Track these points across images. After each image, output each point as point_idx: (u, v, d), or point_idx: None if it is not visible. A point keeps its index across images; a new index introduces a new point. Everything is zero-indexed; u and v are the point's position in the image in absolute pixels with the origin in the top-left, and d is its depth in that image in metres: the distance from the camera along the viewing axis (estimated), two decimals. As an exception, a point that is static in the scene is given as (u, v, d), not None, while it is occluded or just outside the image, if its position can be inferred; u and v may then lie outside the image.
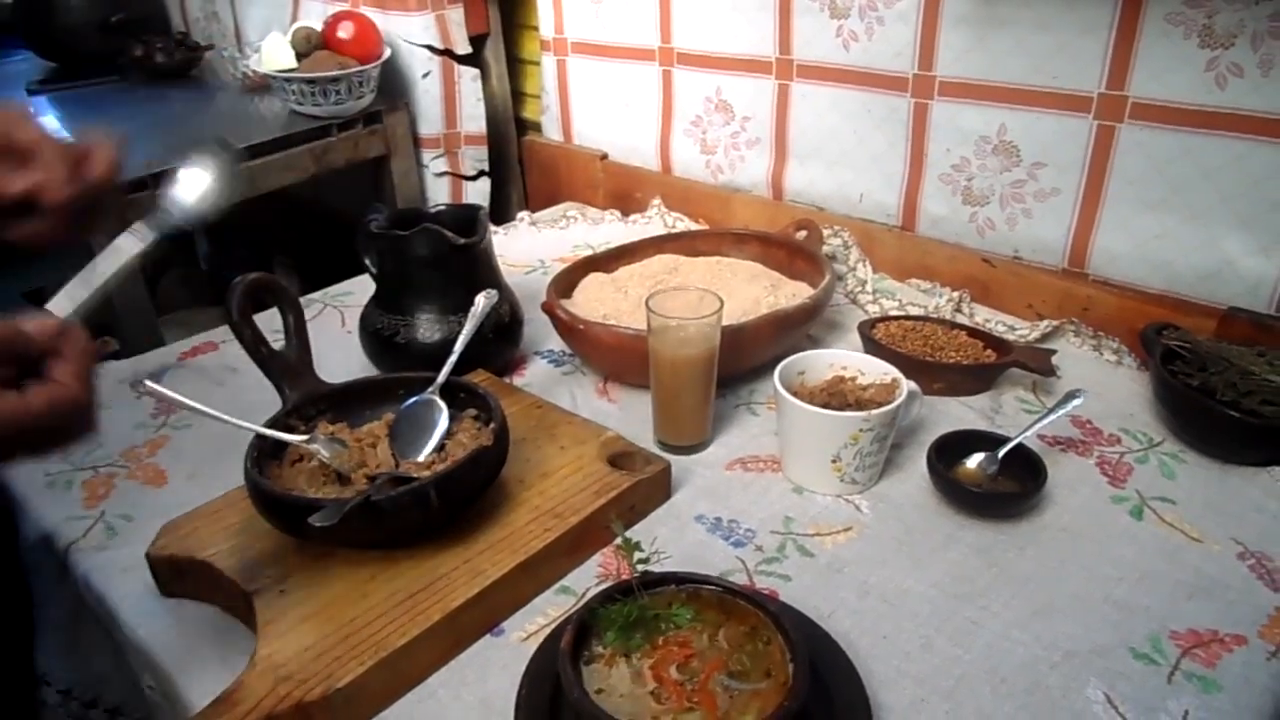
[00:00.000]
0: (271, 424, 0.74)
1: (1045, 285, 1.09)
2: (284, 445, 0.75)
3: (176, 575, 0.73)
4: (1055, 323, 1.06)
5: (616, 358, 0.96)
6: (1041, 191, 1.08)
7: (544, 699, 0.61)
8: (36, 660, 0.82)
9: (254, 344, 0.77)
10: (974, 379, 0.96)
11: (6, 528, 0.84)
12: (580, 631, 0.59)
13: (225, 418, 0.71)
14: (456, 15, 1.52)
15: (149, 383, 0.71)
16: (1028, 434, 0.83)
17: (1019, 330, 1.07)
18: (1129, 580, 0.73)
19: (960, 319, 1.07)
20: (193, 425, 0.95)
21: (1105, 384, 0.98)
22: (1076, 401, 0.84)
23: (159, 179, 1.29)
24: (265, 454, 0.73)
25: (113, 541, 0.80)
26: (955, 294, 1.11)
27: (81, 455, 0.90)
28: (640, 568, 0.62)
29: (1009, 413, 0.94)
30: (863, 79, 1.17)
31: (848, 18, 1.14)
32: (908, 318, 1.05)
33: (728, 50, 1.29)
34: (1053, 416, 0.84)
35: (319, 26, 1.49)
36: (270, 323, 0.79)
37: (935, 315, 1.07)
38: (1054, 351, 0.99)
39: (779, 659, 0.58)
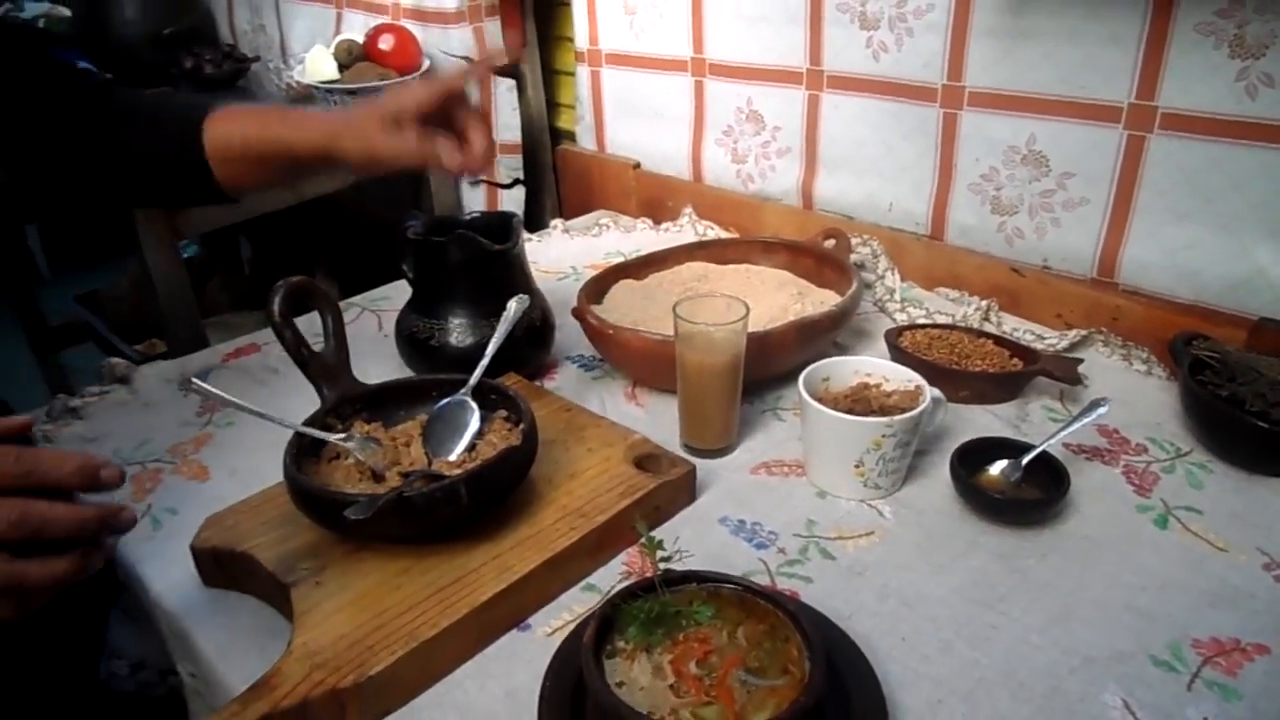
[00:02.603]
0: (310, 422, 0.77)
1: (1074, 295, 1.09)
2: (322, 443, 0.78)
3: (218, 566, 0.76)
4: (1083, 332, 1.06)
5: (644, 362, 0.98)
6: (1070, 201, 1.08)
7: (567, 692, 0.62)
8: (106, 636, 0.86)
9: (295, 345, 0.80)
10: (1000, 387, 0.97)
11: None
12: (603, 626, 0.61)
13: (267, 415, 0.74)
14: (494, 28, 1.55)
15: (197, 381, 0.74)
16: (1052, 442, 0.83)
17: (1047, 339, 1.07)
18: (1151, 588, 0.73)
19: (988, 328, 1.08)
20: (235, 424, 0.98)
21: (1133, 394, 0.98)
22: (1101, 410, 0.85)
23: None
24: (304, 451, 0.76)
25: (158, 533, 0.83)
26: (983, 303, 1.12)
27: (131, 450, 0.94)
28: (663, 566, 0.64)
29: (1035, 421, 0.95)
30: (892, 89, 1.18)
31: (877, 29, 1.16)
32: (934, 326, 1.05)
33: (759, 61, 1.31)
34: (1077, 425, 0.84)
35: (361, 39, 1.53)
36: (310, 325, 0.82)
37: (963, 324, 1.07)
38: (1081, 360, 0.99)
39: (796, 657, 0.60)
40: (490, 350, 0.85)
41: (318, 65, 1.51)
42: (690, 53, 1.38)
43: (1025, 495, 0.82)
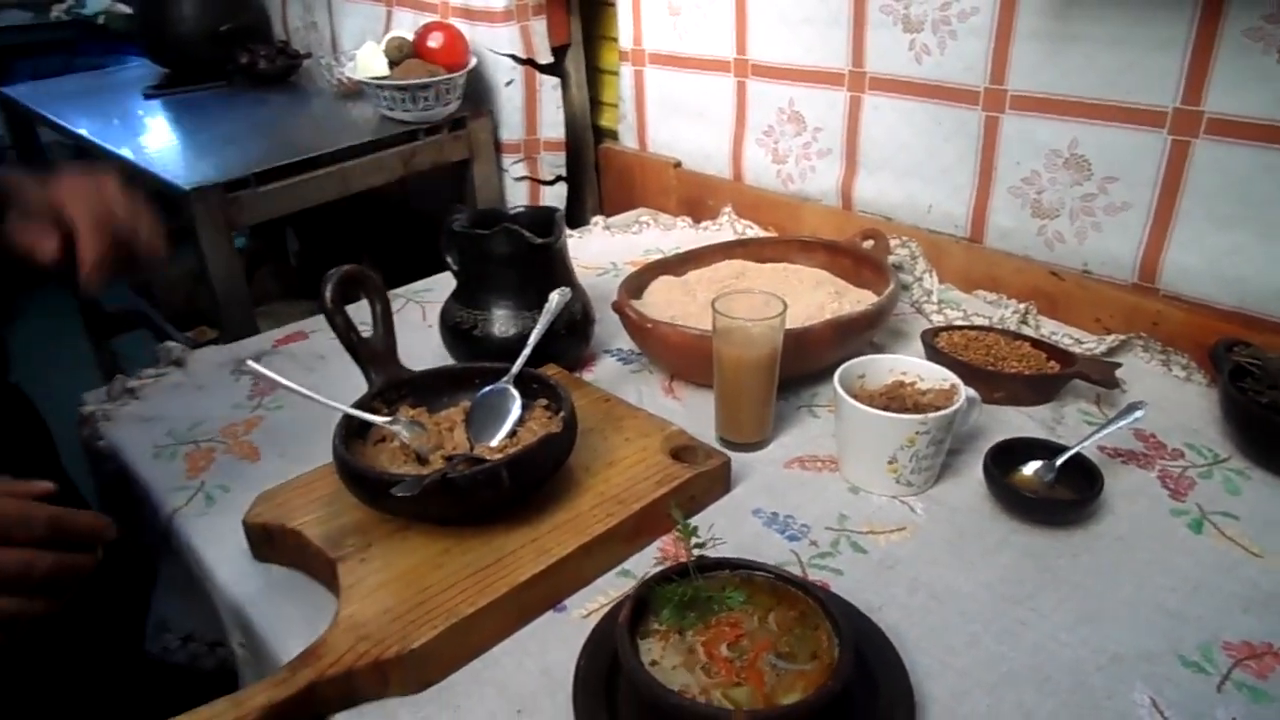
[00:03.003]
0: (358, 406, 0.80)
1: (1114, 299, 1.09)
2: (369, 426, 0.80)
3: (268, 541, 0.79)
4: (1123, 337, 1.06)
5: (682, 356, 1.00)
6: (1112, 206, 1.08)
7: (601, 671, 0.64)
8: (156, 609, 0.89)
9: (345, 330, 0.83)
10: (1035, 389, 0.97)
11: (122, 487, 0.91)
12: (637, 608, 0.63)
13: (317, 398, 0.77)
14: (540, 26, 1.58)
15: (251, 363, 0.77)
16: (1086, 444, 0.84)
17: (1085, 344, 1.07)
18: (1183, 590, 0.73)
19: (1025, 331, 1.08)
20: (284, 407, 1.01)
21: (1172, 399, 0.98)
22: (1138, 414, 0.85)
23: (260, 179, 1.37)
24: (352, 433, 0.79)
25: (211, 509, 0.86)
26: (1021, 306, 1.12)
27: (185, 430, 0.98)
28: (696, 552, 0.66)
29: (1071, 424, 0.95)
30: (934, 92, 1.18)
31: (920, 31, 1.16)
32: (971, 327, 1.06)
33: (801, 62, 1.32)
34: (1113, 427, 0.85)
35: (410, 36, 1.57)
36: (358, 314, 0.85)
37: (1000, 326, 1.08)
38: (1119, 364, 0.99)
39: (825, 644, 0.61)
40: (532, 340, 0.87)
41: (368, 62, 1.54)
42: (733, 53, 1.40)
43: (1058, 496, 0.82)
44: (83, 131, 1.61)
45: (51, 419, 1.07)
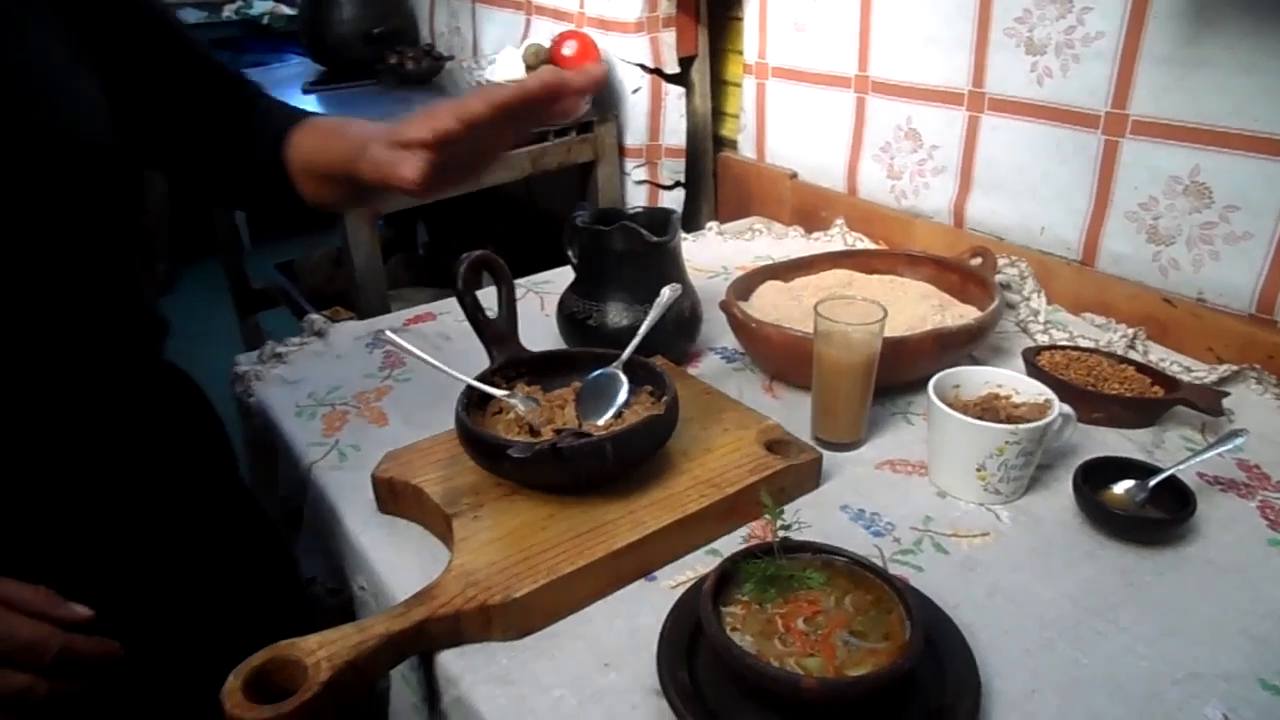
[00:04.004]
0: (480, 379, 0.88)
1: (1228, 329, 1.07)
2: (488, 398, 0.88)
3: (392, 496, 0.87)
4: (1235, 368, 1.04)
5: (783, 357, 1.04)
6: (1233, 235, 1.06)
7: (684, 634, 0.69)
8: (303, 563, 0.99)
9: (472, 310, 0.90)
10: (1136, 412, 0.97)
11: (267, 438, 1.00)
12: (722, 579, 0.68)
13: (445, 368, 0.85)
14: (669, 38, 1.64)
15: (389, 333, 0.86)
16: (1183, 467, 0.84)
17: (1195, 372, 1.05)
18: (1272, 618, 0.73)
19: (1133, 356, 1.08)
20: (411, 379, 1.10)
21: (1281, 433, 0.96)
22: (1238, 441, 0.84)
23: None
24: (473, 403, 0.86)
25: (343, 465, 0.95)
26: (1130, 331, 1.11)
27: (323, 394, 1.08)
28: (782, 534, 0.70)
29: (1171, 449, 0.94)
30: (1054, 114, 1.19)
31: (1044, 54, 1.17)
32: (1075, 348, 1.06)
33: (921, 81, 1.34)
34: (1211, 453, 0.84)
35: (547, 44, 1.66)
36: (484, 300, 0.92)
37: (1106, 349, 1.08)
38: (1226, 393, 0.98)
39: (898, 627, 0.64)
40: (642, 330, 0.93)
41: (506, 66, 1.64)
42: (855, 70, 1.43)
43: (1148, 515, 0.83)
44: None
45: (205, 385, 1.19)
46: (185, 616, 0.84)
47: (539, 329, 1.17)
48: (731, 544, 0.82)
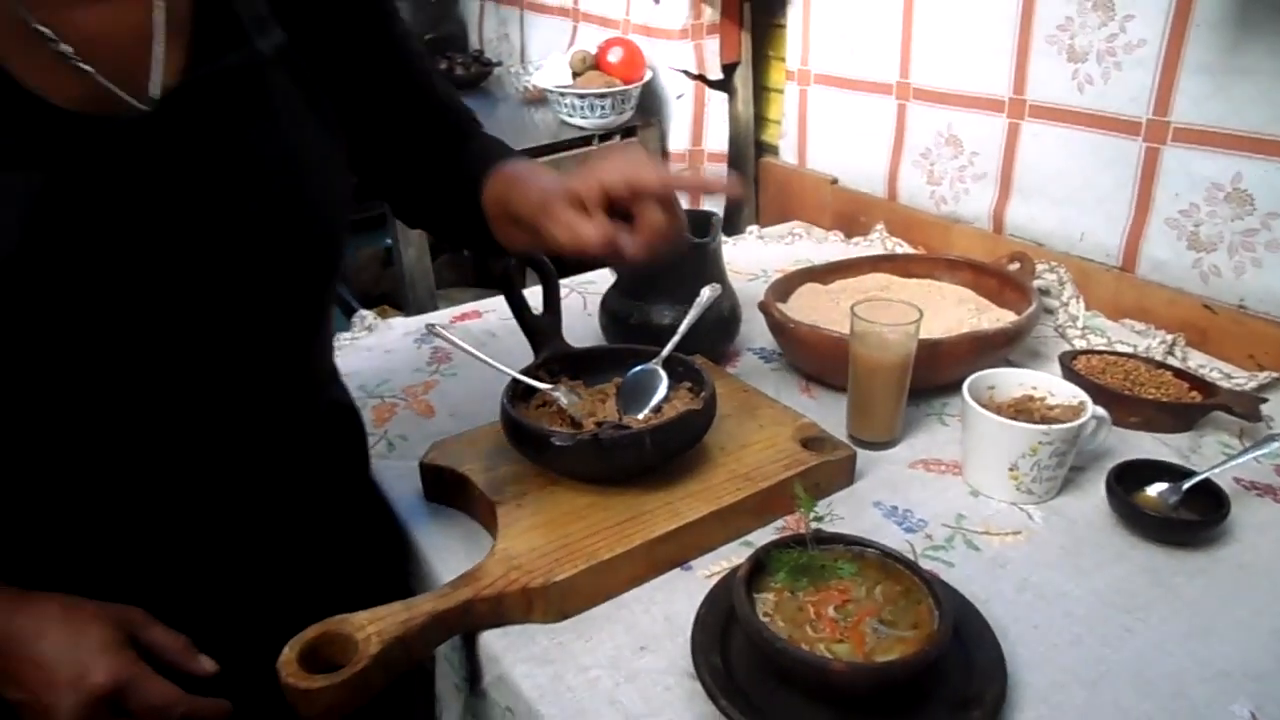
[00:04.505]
0: (524, 373, 0.91)
1: (1270, 336, 1.07)
2: (532, 391, 0.91)
3: (439, 483, 0.90)
4: (1276, 374, 1.04)
5: (820, 357, 1.06)
6: (1275, 241, 1.06)
7: (718, 621, 0.71)
8: None
9: (519, 306, 0.94)
10: (1172, 416, 0.97)
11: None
12: (755, 567, 0.70)
13: (491, 362, 0.88)
14: (713, 45, 1.67)
15: (439, 327, 0.90)
16: (1218, 471, 0.84)
17: (1235, 379, 1.05)
18: (1303, 621, 0.74)
19: (1171, 361, 1.08)
20: (458, 374, 1.14)
21: (1322, 441, 0.96)
22: (1275, 445, 0.85)
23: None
24: (517, 396, 0.90)
25: (392, 454, 0.99)
26: (1169, 337, 1.12)
27: (373, 386, 1.12)
28: (814, 526, 0.72)
29: (1207, 454, 0.95)
30: (1095, 121, 1.19)
31: (1085, 61, 1.18)
32: (1112, 353, 1.07)
33: (962, 88, 1.35)
34: (1247, 457, 0.85)
35: (593, 50, 1.70)
36: (529, 298, 0.96)
37: (1144, 354, 1.08)
38: (1265, 399, 0.98)
39: (926, 617, 0.66)
40: (682, 329, 0.95)
41: (553, 71, 1.68)
42: (896, 77, 1.45)
43: (1181, 517, 0.83)
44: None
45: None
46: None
47: (582, 328, 1.20)
48: (765, 536, 0.84)
